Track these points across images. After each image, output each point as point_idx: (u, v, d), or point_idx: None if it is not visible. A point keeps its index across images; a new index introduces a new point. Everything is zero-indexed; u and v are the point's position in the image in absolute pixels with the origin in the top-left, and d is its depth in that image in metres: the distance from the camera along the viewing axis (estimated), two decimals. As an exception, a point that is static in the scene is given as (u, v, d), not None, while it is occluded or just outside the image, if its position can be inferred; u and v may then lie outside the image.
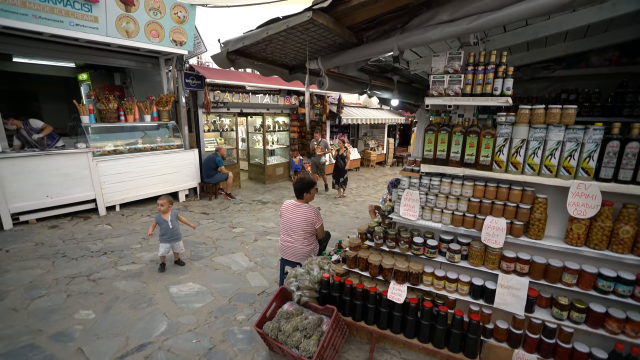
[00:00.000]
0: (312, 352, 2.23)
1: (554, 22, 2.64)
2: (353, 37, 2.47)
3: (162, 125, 6.85)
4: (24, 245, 4.43)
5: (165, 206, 3.90)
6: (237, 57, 2.84)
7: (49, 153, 5.14)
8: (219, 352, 2.63)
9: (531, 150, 2.11)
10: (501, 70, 2.13)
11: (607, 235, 2.01)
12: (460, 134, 2.30)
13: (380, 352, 2.67)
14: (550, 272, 2.17)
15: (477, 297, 2.43)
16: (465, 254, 2.48)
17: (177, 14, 5.91)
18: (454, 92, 2.28)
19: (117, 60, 6.19)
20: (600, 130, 1.91)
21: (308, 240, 3.22)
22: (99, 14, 5.01)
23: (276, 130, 9.86)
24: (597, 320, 2.06)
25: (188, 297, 3.38)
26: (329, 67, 2.94)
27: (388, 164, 14.30)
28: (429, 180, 2.50)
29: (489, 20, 1.88)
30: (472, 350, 2.30)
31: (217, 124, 9.04)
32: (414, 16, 2.22)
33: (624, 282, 1.97)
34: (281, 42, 2.57)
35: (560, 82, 4.36)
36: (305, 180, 3.30)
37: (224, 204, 7.03)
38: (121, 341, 2.71)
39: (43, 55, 5.46)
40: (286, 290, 2.81)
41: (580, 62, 4.04)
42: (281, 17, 2.15)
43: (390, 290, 2.56)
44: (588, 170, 1.99)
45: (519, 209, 2.22)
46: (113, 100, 5.94)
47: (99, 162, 5.58)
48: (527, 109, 2.10)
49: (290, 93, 9.37)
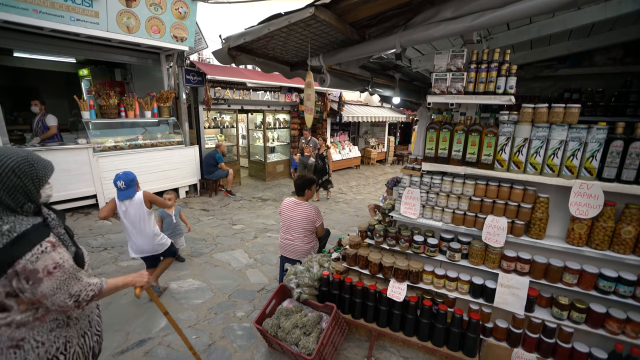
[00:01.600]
0: (311, 349, 2.24)
1: (559, 20, 2.61)
2: (355, 34, 2.45)
3: (163, 121, 6.83)
4: (25, 241, 4.43)
5: (172, 200, 3.95)
6: (238, 54, 2.83)
7: (50, 148, 5.14)
8: (219, 348, 2.64)
9: (533, 149, 2.10)
10: (504, 68, 2.11)
11: (609, 235, 2.00)
12: (462, 132, 2.29)
13: (380, 349, 2.67)
14: (551, 271, 2.16)
15: (477, 296, 2.42)
16: (465, 253, 2.47)
17: (178, 10, 5.87)
18: (456, 90, 2.26)
19: (118, 56, 6.17)
20: (603, 130, 1.89)
21: (308, 238, 3.22)
22: (99, 9, 4.99)
23: (277, 128, 9.84)
24: (597, 320, 2.05)
25: (188, 294, 3.39)
26: (331, 64, 2.92)
27: (388, 162, 14.28)
28: (430, 179, 2.49)
29: (493, 17, 1.86)
30: (472, 349, 2.31)
31: (218, 121, 9.03)
32: (417, 13, 2.20)
33: (625, 282, 1.97)
34: (283, 39, 2.55)
35: (563, 81, 4.34)
36: (306, 177, 3.29)
37: (224, 200, 7.03)
38: (121, 336, 2.72)
39: (44, 50, 5.45)
40: (286, 287, 2.81)
41: (584, 61, 4.01)
42: (283, 13, 2.13)
43: (390, 288, 2.56)
44: (591, 170, 1.97)
45: (521, 208, 2.21)
46: (114, 96, 5.92)
47: (99, 157, 5.58)
48: (530, 107, 2.09)
49: (291, 90, 9.34)
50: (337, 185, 9.27)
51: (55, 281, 1.17)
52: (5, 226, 1.12)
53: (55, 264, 1.18)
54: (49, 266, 1.16)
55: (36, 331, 1.22)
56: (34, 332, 1.21)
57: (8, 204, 1.16)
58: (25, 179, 1.20)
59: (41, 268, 1.14)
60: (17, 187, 1.18)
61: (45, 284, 1.16)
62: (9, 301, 1.16)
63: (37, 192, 1.26)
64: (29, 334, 1.20)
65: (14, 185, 1.17)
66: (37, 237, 1.16)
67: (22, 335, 1.19)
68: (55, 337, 1.26)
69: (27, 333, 1.20)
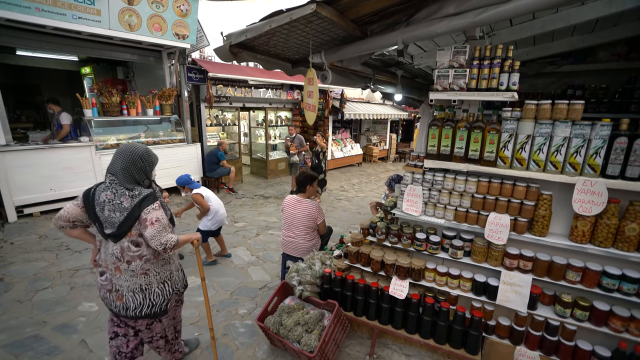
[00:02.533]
0: (313, 347, 2.24)
1: (562, 16, 2.58)
2: (357, 30, 2.43)
3: (165, 119, 6.84)
4: (29, 238, 4.47)
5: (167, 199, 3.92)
6: (240, 51, 2.82)
7: (53, 146, 5.16)
8: (221, 346, 2.65)
9: (536, 146, 2.08)
10: (507, 64, 2.09)
11: (613, 232, 1.99)
12: (465, 129, 2.27)
13: (382, 347, 2.68)
14: (554, 269, 2.15)
15: (480, 294, 2.42)
16: (468, 251, 2.46)
17: (179, 7, 5.86)
18: (458, 87, 2.25)
19: (120, 54, 6.17)
20: (607, 126, 1.88)
21: (310, 235, 3.22)
22: (101, 7, 4.99)
23: (278, 125, 9.83)
24: (600, 318, 2.04)
25: (190, 291, 3.40)
26: (333, 60, 2.91)
27: (390, 160, 14.25)
28: (432, 176, 2.48)
29: (496, 13, 1.84)
30: (474, 346, 2.30)
31: (220, 119, 9.03)
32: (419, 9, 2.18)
33: (629, 280, 1.95)
34: (284, 35, 2.54)
35: (567, 78, 4.29)
36: (307, 174, 3.30)
37: (226, 198, 7.04)
38: (124, 333, 2.73)
39: (46, 48, 5.46)
40: (288, 284, 2.82)
41: (588, 57, 3.97)
42: (284, 10, 2.12)
43: (392, 285, 2.56)
44: (594, 167, 1.96)
45: (523, 206, 2.20)
46: (116, 94, 5.93)
47: (101, 155, 5.60)
48: (533, 104, 2.07)
49: (292, 87, 9.32)
50: (339, 183, 9.27)
51: (154, 230, 1.75)
52: (135, 192, 1.78)
53: (157, 218, 1.78)
54: (153, 218, 1.76)
55: (155, 265, 1.90)
56: (153, 266, 1.90)
57: (136, 179, 1.82)
58: (146, 163, 1.86)
59: (149, 219, 1.75)
60: (142, 168, 1.84)
61: (149, 230, 1.75)
62: (140, 239, 1.81)
63: (150, 172, 1.92)
64: (151, 267, 1.89)
65: (141, 166, 1.83)
66: (151, 199, 1.80)
67: (148, 267, 1.87)
68: (165, 269, 1.97)
69: (151, 266, 1.88)
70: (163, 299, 1.95)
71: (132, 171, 1.79)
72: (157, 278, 1.92)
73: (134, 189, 1.78)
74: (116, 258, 1.80)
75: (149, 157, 1.88)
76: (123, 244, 1.78)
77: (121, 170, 1.77)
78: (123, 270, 1.82)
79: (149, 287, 1.89)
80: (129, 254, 1.80)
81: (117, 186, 1.76)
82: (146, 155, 1.86)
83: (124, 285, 1.83)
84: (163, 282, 1.95)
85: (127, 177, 1.78)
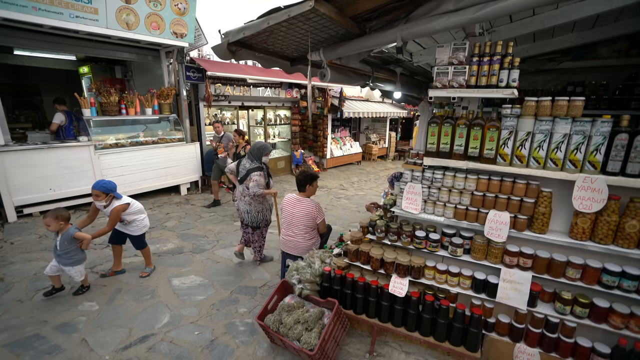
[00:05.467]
0: (313, 345, 2.24)
1: (562, 12, 2.56)
2: (355, 27, 2.42)
3: (164, 118, 6.82)
4: (28, 238, 4.46)
5: (52, 226, 3.00)
6: (238, 49, 2.81)
7: (52, 146, 5.15)
8: (221, 344, 2.65)
9: (537, 143, 2.07)
10: (507, 61, 2.08)
11: (613, 229, 1.98)
12: (464, 126, 2.26)
13: (381, 345, 2.68)
14: (554, 266, 2.15)
15: (479, 291, 2.42)
16: (467, 248, 2.46)
17: (177, 6, 5.83)
18: (458, 84, 2.24)
19: (118, 53, 6.14)
20: (608, 123, 1.87)
21: (309, 234, 3.21)
22: (98, 6, 4.95)
23: (277, 124, 9.81)
24: (600, 315, 2.04)
25: (190, 290, 3.41)
26: (331, 58, 2.89)
27: (390, 158, 14.24)
28: (432, 174, 2.47)
29: (495, 9, 1.83)
30: (474, 344, 2.30)
31: (219, 117, 9.00)
32: (418, 6, 2.17)
33: (629, 277, 1.95)
34: (282, 33, 2.53)
35: (567, 74, 4.28)
36: (307, 173, 3.29)
37: (225, 197, 7.03)
38: (124, 332, 2.73)
39: (43, 47, 5.42)
40: (287, 283, 2.82)
41: (588, 53, 3.95)
42: (282, 7, 2.11)
43: (392, 283, 2.56)
44: (595, 164, 1.95)
45: (523, 203, 2.20)
46: (114, 94, 5.90)
47: (100, 155, 5.58)
48: (533, 101, 2.06)
49: (291, 86, 9.29)
50: (338, 182, 9.27)
51: (254, 184, 3.48)
52: (254, 165, 3.60)
53: (258, 178, 3.51)
54: (255, 178, 3.50)
55: (255, 201, 3.62)
56: (255, 204, 3.64)
57: (256, 156, 3.65)
58: (258, 152, 3.66)
59: (254, 177, 3.50)
60: (256, 154, 3.66)
61: (250, 184, 3.49)
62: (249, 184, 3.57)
63: (261, 157, 3.67)
64: (252, 201, 3.62)
65: (259, 152, 3.66)
66: (259, 168, 3.58)
67: (251, 201, 3.61)
68: (259, 205, 3.67)
69: (252, 201, 3.62)
70: (257, 220, 3.69)
71: (255, 153, 3.64)
72: (255, 208, 3.63)
73: (253, 161, 3.63)
74: (240, 193, 3.67)
75: (259, 150, 3.65)
76: (243, 186, 3.60)
77: (250, 152, 3.66)
78: (242, 200, 3.64)
79: (251, 211, 3.63)
80: (245, 192, 3.60)
81: (248, 159, 3.67)
82: (264, 145, 3.71)
83: (242, 208, 3.68)
84: (257, 211, 3.65)
85: (252, 155, 3.66)
